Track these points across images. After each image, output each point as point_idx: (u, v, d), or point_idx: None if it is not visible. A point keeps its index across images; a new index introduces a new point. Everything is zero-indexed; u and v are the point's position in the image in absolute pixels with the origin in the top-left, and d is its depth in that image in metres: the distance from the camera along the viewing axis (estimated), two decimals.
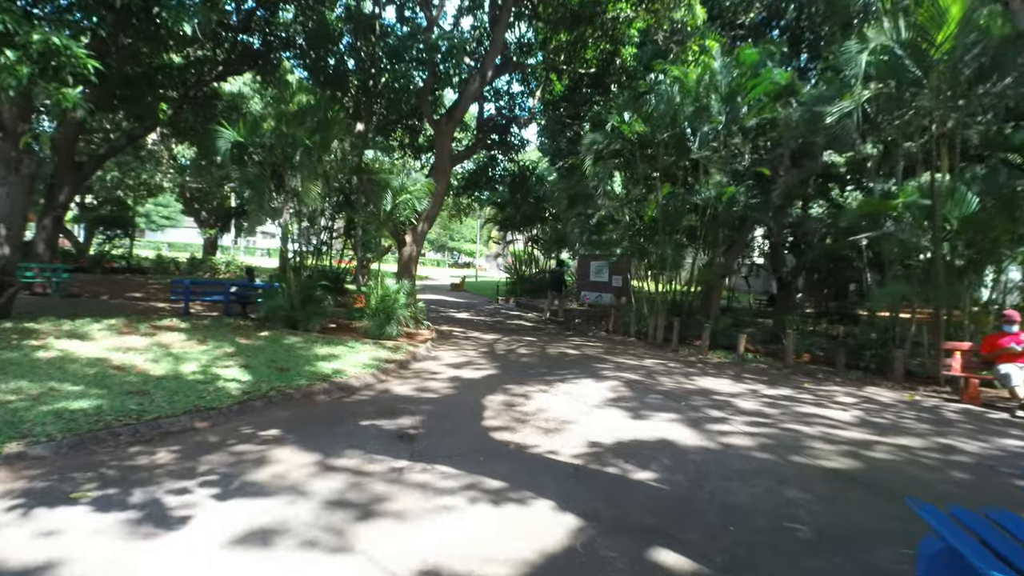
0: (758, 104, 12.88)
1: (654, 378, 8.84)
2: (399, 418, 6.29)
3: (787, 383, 9.18)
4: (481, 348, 11.73)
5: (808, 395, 8.17)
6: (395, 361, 9.43)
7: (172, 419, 5.78)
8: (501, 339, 13.25)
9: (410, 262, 14.31)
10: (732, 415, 6.65)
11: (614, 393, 7.68)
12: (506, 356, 10.75)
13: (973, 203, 9.86)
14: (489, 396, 7.40)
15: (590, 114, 15.97)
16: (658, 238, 14.10)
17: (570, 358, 10.65)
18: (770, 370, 10.52)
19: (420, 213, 14.38)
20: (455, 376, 8.73)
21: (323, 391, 7.39)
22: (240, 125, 9.58)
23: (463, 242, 75.60)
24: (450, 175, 15.19)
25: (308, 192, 9.74)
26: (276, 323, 11.66)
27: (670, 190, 13.98)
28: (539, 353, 11.23)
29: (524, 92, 20.48)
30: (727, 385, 8.60)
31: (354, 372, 8.33)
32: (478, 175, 21.22)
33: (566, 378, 8.62)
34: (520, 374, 8.95)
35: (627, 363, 10.20)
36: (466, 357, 10.53)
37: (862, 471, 4.91)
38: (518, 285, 27.27)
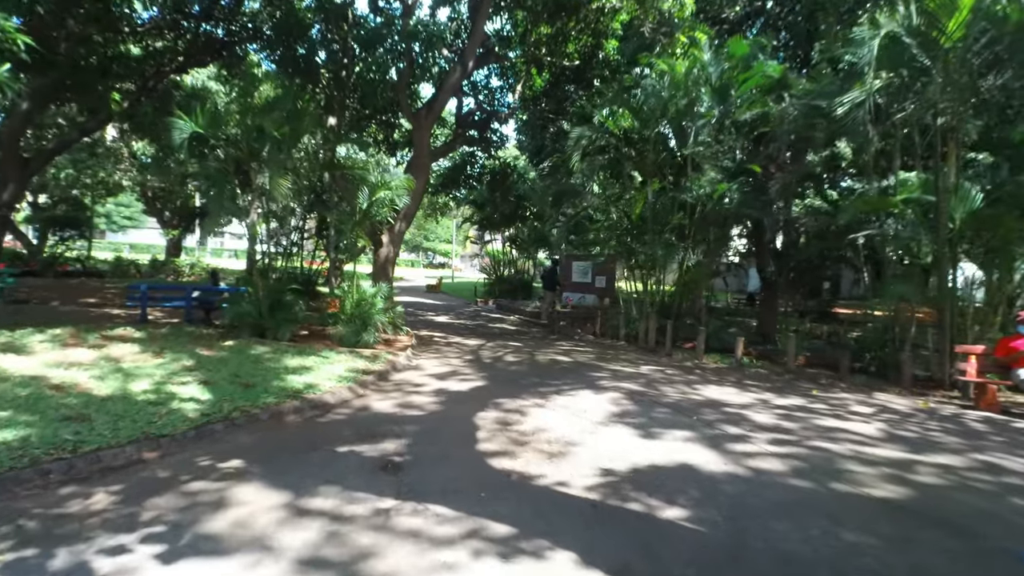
0: (749, 98, 12.41)
1: (656, 388, 8.22)
2: (382, 441, 5.53)
3: (794, 391, 8.66)
4: (465, 355, 11.00)
5: (821, 404, 7.63)
6: (374, 372, 8.65)
7: (115, 450, 4.94)
8: (485, 345, 12.53)
9: (387, 263, 13.49)
10: (750, 431, 6.05)
11: (617, 407, 7.03)
12: (493, 364, 10.04)
13: (977, 199, 9.51)
14: (480, 412, 6.68)
15: (574, 108, 15.35)
16: (647, 237, 13.55)
17: (562, 366, 9.98)
18: (771, 376, 10.01)
19: (398, 211, 13.57)
20: (440, 388, 7.99)
21: (294, 410, 6.58)
22: (198, 115, 8.67)
23: (438, 242, 74.57)
24: (429, 171, 14.41)
25: (276, 188, 8.88)
26: (242, 331, 10.74)
27: (659, 187, 13.43)
28: (528, 360, 10.54)
29: (504, 87, 19.79)
30: (734, 395, 8.03)
31: (329, 386, 7.53)
32: (456, 172, 20.43)
33: (561, 389, 7.95)
34: (511, 385, 8.25)
35: (623, 371, 9.57)
36: (450, 366, 9.79)
37: (916, 501, 4.33)
38: (496, 286, 26.56)
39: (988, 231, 9.34)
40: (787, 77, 12.38)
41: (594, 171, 12.85)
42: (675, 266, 13.53)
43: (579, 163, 12.52)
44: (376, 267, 13.57)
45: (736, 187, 12.20)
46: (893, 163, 11.13)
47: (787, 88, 12.56)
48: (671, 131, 12.32)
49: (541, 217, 24.78)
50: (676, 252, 12.69)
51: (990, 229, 9.26)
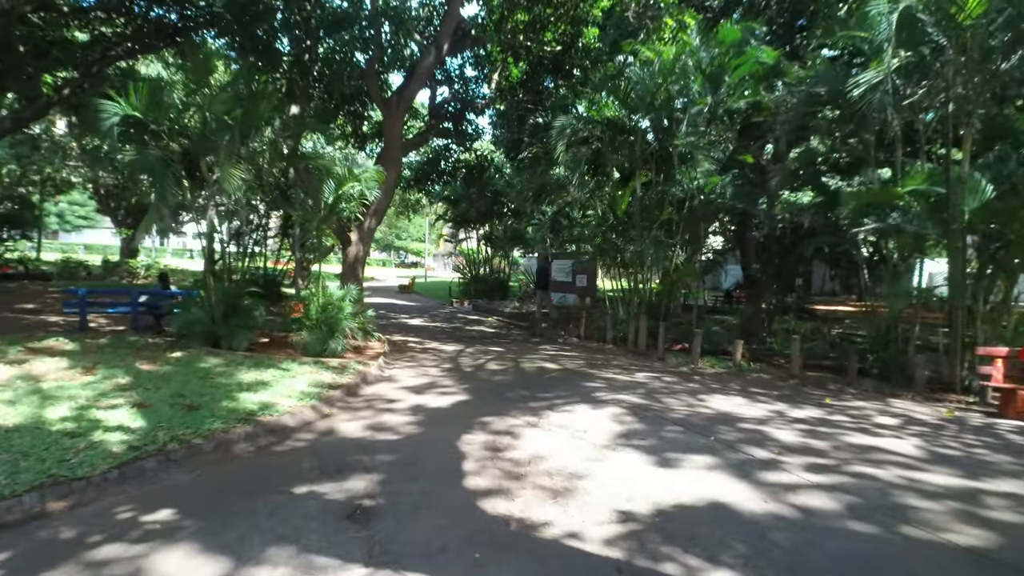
0: (742, 85, 11.72)
1: (658, 400, 7.40)
2: (349, 478, 4.59)
3: (804, 399, 7.95)
4: (443, 363, 10.06)
5: (841, 416, 6.91)
6: (341, 386, 7.66)
7: (9, 502, 3.93)
8: (464, 350, 11.60)
9: (356, 263, 12.46)
10: (779, 454, 5.26)
11: (620, 425, 6.19)
12: (475, 374, 9.12)
13: (987, 191, 8.95)
14: (465, 435, 5.77)
15: (556, 98, 14.50)
16: (634, 233, 12.78)
17: (551, 374, 9.11)
18: (775, 381, 9.30)
19: (368, 207, 12.56)
20: (418, 405, 7.05)
21: (245, 436, 5.58)
22: (132, 95, 7.53)
23: (410, 241, 73.12)
24: (401, 164, 13.41)
25: (228, 180, 7.78)
26: (193, 340, 9.63)
27: (647, 180, 12.66)
28: (513, 368, 9.65)
29: (479, 77, 18.83)
30: (743, 406, 7.27)
31: (288, 405, 6.53)
32: (429, 166, 19.40)
33: (555, 404, 7.08)
34: (497, 399, 7.35)
35: (618, 379, 8.75)
36: (428, 376, 8.84)
37: (1009, 550, 3.57)
38: (472, 286, 25.60)
39: (1001, 224, 8.76)
40: (781, 64, 11.72)
41: (579, 164, 12.00)
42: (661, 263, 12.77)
43: (563, 154, 11.67)
44: (345, 267, 12.53)
45: (730, 180, 11.50)
46: (895, 153, 10.55)
47: (781, 76, 11.92)
48: (661, 120, 11.54)
49: (519, 214, 23.91)
50: (666, 249, 11.92)
51: (1003, 222, 8.70)
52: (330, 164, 9.47)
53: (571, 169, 12.09)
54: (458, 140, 17.84)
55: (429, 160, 19.55)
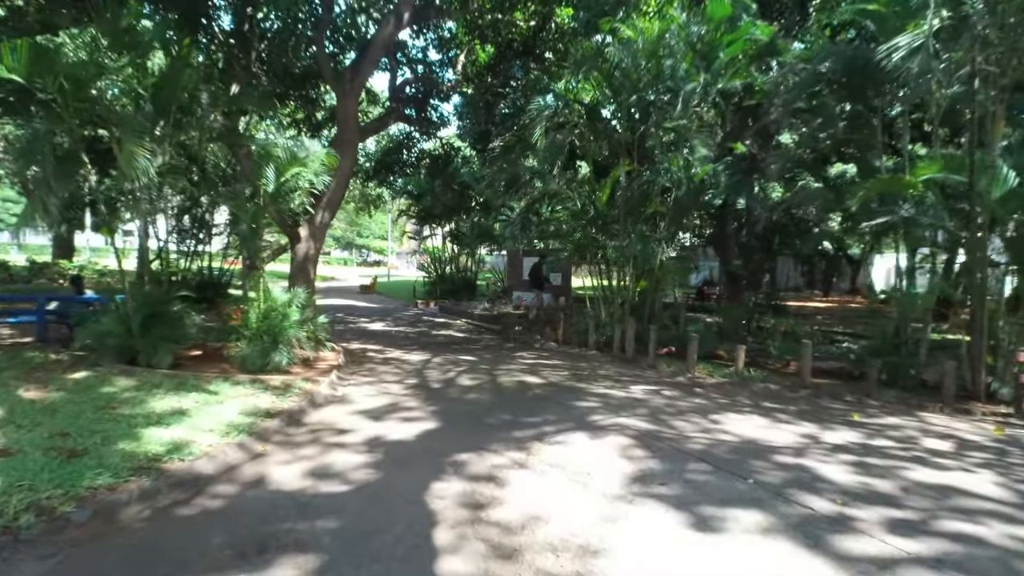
0: (735, 64, 10.67)
1: (666, 422, 6.21)
2: (274, 563, 3.25)
3: (830, 417, 6.88)
4: (407, 377, 8.69)
5: (882, 439, 5.84)
6: (281, 413, 6.25)
7: None
8: (432, 360, 10.24)
9: (307, 263, 10.95)
10: (844, 504, 4.10)
11: (630, 461, 4.96)
12: (445, 391, 7.78)
13: (1010, 179, 8.08)
14: (436, 484, 4.46)
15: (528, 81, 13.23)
16: (617, 228, 11.63)
17: (534, 391, 7.82)
18: (785, 392, 8.25)
19: (319, 198, 11.06)
20: (375, 437, 5.69)
21: (140, 495, 4.15)
22: (7, 54, 5.91)
23: (372, 239, 70.88)
24: (357, 150, 11.94)
25: (129, 161, 6.23)
26: (105, 356, 8.04)
27: (631, 169, 11.51)
28: (489, 383, 8.34)
29: (444, 61, 17.41)
30: (767, 428, 6.14)
31: (208, 444, 5.11)
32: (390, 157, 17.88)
33: (544, 432, 5.81)
34: (474, 427, 6.05)
35: (613, 396, 7.53)
36: (388, 396, 7.47)
37: None
38: (438, 286, 24.15)
39: None
40: (776, 41, 10.73)
41: (558, 151, 10.76)
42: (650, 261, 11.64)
43: (541, 139, 10.40)
44: (294, 267, 11.00)
45: (723, 168, 10.44)
46: (902, 139, 9.66)
47: (776, 54, 10.94)
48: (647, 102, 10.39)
49: (487, 208, 22.57)
50: (653, 244, 10.80)
51: None
52: (269, 147, 7.98)
53: (548, 157, 10.84)
54: (421, 128, 16.41)
55: (390, 148, 18.03)
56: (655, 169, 10.52)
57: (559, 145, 10.60)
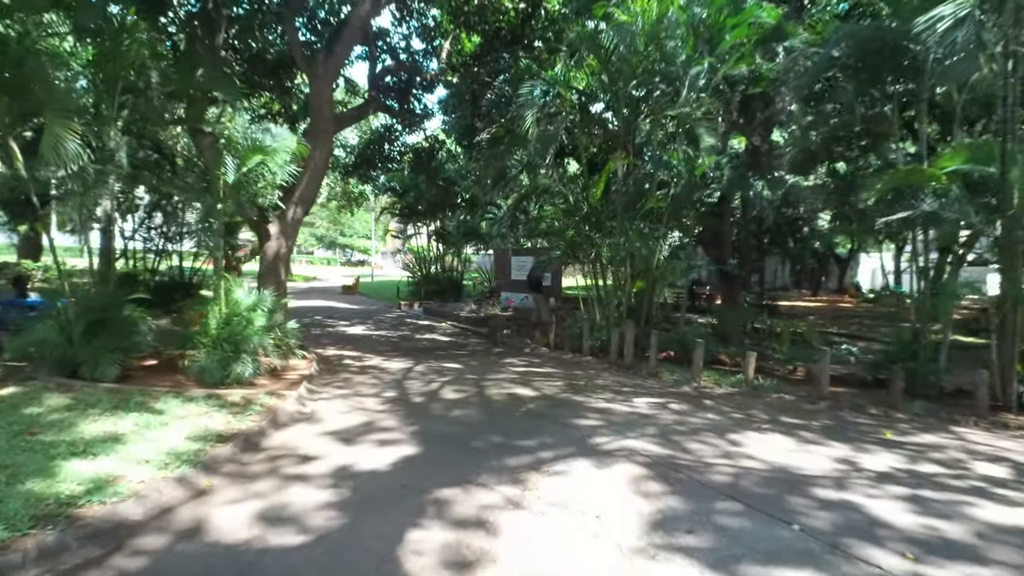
0: (737, 50, 9.95)
1: (681, 445, 5.42)
2: None
3: (858, 433, 6.15)
4: (386, 389, 7.83)
5: (928, 464, 5.10)
6: (237, 436, 5.39)
7: None
8: (413, 369, 9.38)
9: (277, 262, 10.05)
10: (916, 560, 3.33)
11: (646, 498, 4.17)
12: (427, 407, 6.94)
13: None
14: (413, 532, 3.63)
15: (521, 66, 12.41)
16: (613, 224, 10.86)
17: (527, 406, 6.99)
18: (802, 404, 7.51)
19: (290, 192, 10.18)
20: (344, 467, 4.84)
21: (40, 553, 3.31)
22: None
23: (356, 238, 69.56)
24: (332, 140, 11.05)
25: (51, 144, 5.29)
26: (43, 368, 7.10)
27: (627, 161, 10.74)
28: (476, 396, 7.50)
29: (427, 51, 16.53)
30: (795, 452, 5.37)
31: (140, 480, 4.25)
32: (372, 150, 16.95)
33: (541, 459, 5.00)
34: (460, 452, 5.22)
35: (615, 411, 6.73)
36: (363, 412, 6.61)
37: None
38: (423, 286, 23.23)
39: None
40: (783, 25, 10.02)
41: (551, 140, 9.94)
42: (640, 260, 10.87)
43: (533, 126, 9.59)
44: (262, 266, 10.10)
45: (727, 161, 9.71)
46: (919, 127, 9.00)
47: (783, 39, 10.23)
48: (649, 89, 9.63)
49: (473, 206, 21.72)
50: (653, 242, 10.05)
51: None
52: (232, 130, 7.09)
53: (540, 149, 10.02)
54: (403, 120, 15.52)
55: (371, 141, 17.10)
56: (655, 161, 9.75)
57: (551, 135, 9.79)
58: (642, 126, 9.97)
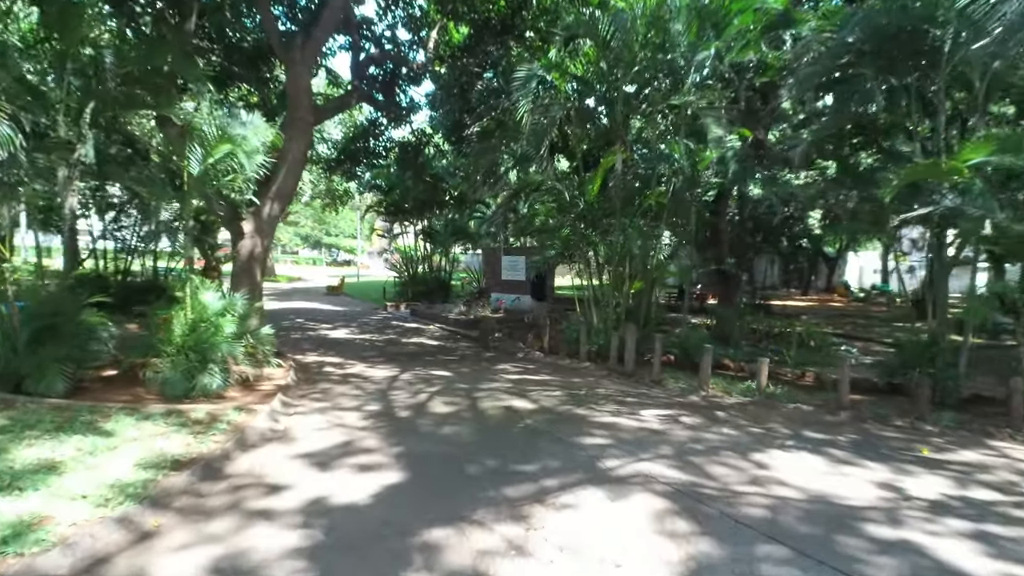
0: (743, 37, 9.38)
1: (703, 470, 4.79)
2: None
3: (890, 449, 5.58)
4: (369, 401, 7.14)
5: (981, 488, 4.54)
6: (195, 462, 4.71)
7: None
8: (399, 377, 8.70)
9: (252, 262, 9.32)
10: None
11: (676, 545, 3.53)
12: (414, 423, 6.26)
13: None
14: None
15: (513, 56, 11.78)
16: (612, 222, 10.25)
17: (525, 420, 6.33)
18: (822, 415, 6.94)
19: (266, 186, 9.47)
20: (317, 500, 4.17)
21: None
22: None
23: (342, 237, 68.49)
24: (312, 132, 10.34)
25: None
26: None
27: (626, 155, 10.14)
28: (468, 409, 6.84)
29: (414, 41, 15.81)
30: (831, 475, 4.77)
31: (72, 522, 3.57)
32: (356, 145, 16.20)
33: (546, 489, 4.35)
34: (451, 480, 4.57)
35: (623, 426, 6.10)
36: (343, 430, 5.93)
37: None
38: (410, 287, 22.50)
39: None
40: (791, 11, 9.47)
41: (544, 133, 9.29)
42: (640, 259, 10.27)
43: (527, 115, 8.94)
44: (236, 267, 9.37)
45: (732, 154, 9.13)
46: (937, 117, 8.48)
47: (791, 25, 9.68)
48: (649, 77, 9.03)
49: (461, 203, 21.04)
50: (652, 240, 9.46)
51: None
52: (196, 117, 6.37)
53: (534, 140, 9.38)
54: (389, 113, 14.81)
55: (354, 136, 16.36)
56: (656, 155, 9.16)
57: (546, 126, 9.14)
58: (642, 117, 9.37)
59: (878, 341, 14.78)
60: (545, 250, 11.40)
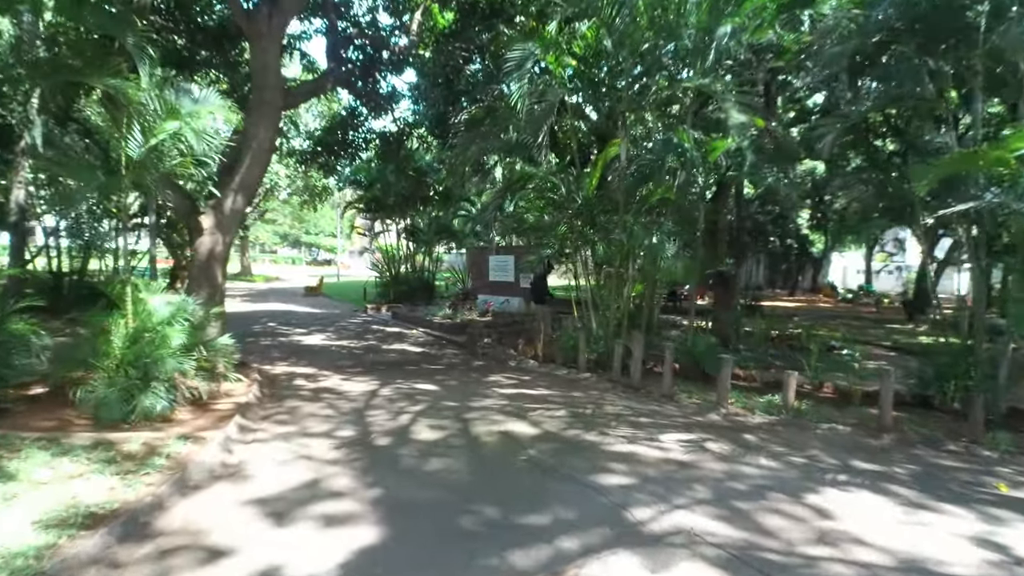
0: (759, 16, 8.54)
1: (755, 521, 3.86)
2: None
3: (960, 485, 4.73)
4: (342, 425, 6.12)
5: None
6: (116, 515, 3.69)
7: None
8: (379, 392, 7.69)
9: (212, 262, 8.24)
10: None
11: None
12: (394, 453, 5.26)
13: None
14: None
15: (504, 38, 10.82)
16: (614, 219, 9.36)
17: (528, 451, 5.34)
18: (863, 439, 6.08)
19: (228, 176, 8.43)
20: (269, 571, 3.19)
21: None
22: None
23: (322, 236, 66.89)
24: (280, 116, 9.27)
25: None
26: None
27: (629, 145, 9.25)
28: (459, 434, 5.85)
29: (395, 26, 14.76)
30: (907, 524, 3.89)
31: None
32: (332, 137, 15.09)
33: (563, 554, 3.38)
34: (440, 541, 3.59)
35: (645, 456, 5.17)
36: (309, 464, 4.92)
37: None
38: (391, 288, 21.42)
39: None
40: None
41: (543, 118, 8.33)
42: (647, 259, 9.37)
43: (523, 99, 7.97)
44: (194, 268, 8.28)
45: (748, 144, 8.27)
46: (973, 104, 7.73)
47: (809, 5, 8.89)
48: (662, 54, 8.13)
49: (447, 200, 20.02)
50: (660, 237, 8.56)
51: None
52: (133, 88, 5.31)
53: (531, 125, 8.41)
54: (368, 101, 13.75)
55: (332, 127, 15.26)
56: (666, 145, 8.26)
57: (545, 111, 8.17)
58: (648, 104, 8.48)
59: (877, 344, 14.11)
60: (541, 249, 10.43)
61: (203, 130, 5.78)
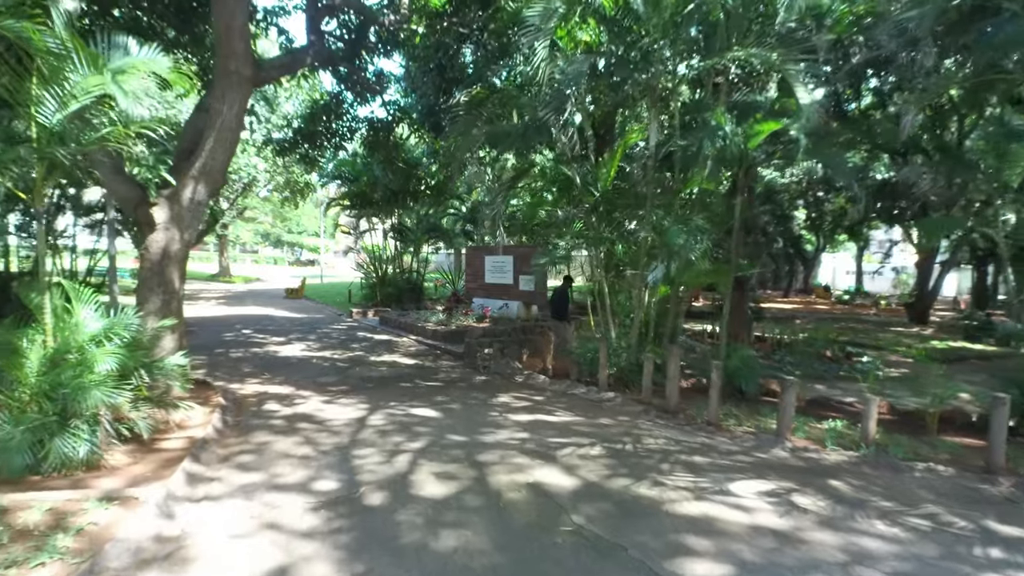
0: None
1: None
2: None
3: None
4: (321, 471, 4.79)
5: None
6: None
7: None
8: (368, 421, 6.37)
9: (167, 264, 6.86)
10: None
11: None
12: (391, 520, 3.95)
13: None
14: None
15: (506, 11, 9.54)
16: (639, 213, 8.13)
17: (569, 516, 4.04)
18: (978, 486, 4.87)
19: (186, 160, 7.10)
20: None
21: None
22: None
23: (306, 235, 64.99)
24: (250, 91, 7.90)
25: None
26: None
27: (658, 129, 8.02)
28: (473, 487, 4.54)
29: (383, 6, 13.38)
30: None
31: None
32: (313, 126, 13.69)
33: None
34: None
35: (727, 523, 3.91)
36: (276, 539, 3.60)
37: None
38: (378, 290, 20.03)
39: None
40: None
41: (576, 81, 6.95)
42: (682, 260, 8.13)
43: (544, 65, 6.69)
44: (143, 271, 6.88)
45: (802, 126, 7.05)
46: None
47: None
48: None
49: (439, 194, 18.69)
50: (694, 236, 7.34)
51: None
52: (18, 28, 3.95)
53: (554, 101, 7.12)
54: (353, 84, 12.38)
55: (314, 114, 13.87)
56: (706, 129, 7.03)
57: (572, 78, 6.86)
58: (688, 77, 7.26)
59: (890, 350, 13.08)
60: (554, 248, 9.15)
61: (141, 92, 4.43)
